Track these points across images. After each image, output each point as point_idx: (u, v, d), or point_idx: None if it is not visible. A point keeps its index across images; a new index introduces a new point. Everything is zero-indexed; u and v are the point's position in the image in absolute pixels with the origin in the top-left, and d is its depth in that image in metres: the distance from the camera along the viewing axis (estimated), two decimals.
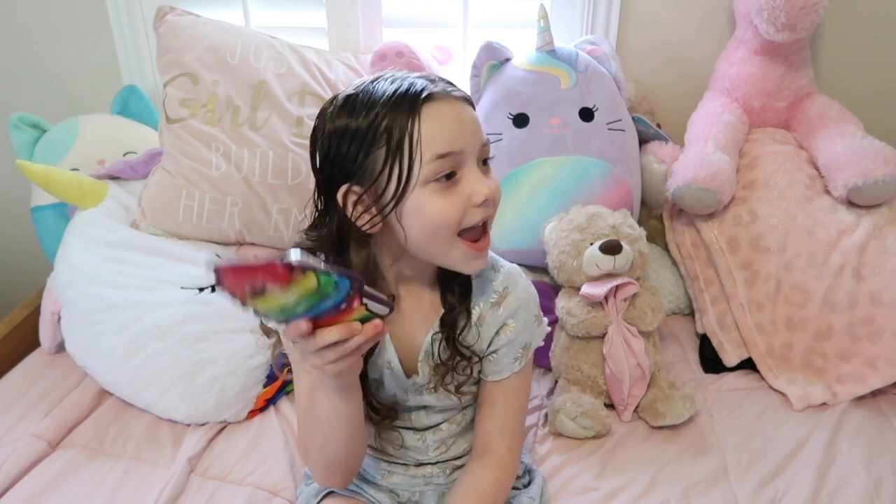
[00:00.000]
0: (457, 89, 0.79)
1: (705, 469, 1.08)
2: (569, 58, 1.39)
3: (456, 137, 0.75)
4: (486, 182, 0.77)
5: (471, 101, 0.80)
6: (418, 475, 0.96)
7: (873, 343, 1.24)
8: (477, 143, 0.77)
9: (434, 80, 0.78)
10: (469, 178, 0.77)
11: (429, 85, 0.76)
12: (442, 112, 0.75)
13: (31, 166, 1.29)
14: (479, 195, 0.76)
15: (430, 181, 0.75)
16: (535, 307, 0.90)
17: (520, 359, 0.88)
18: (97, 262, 1.24)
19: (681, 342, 1.40)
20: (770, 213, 1.34)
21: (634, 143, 1.44)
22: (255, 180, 1.32)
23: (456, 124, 0.76)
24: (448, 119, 0.76)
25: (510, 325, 0.87)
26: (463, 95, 0.79)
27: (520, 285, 0.88)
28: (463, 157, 0.76)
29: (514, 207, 1.35)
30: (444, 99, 0.76)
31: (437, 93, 0.76)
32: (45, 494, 1.04)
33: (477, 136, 0.78)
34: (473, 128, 0.78)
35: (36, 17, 1.62)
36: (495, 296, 0.86)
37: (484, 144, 0.78)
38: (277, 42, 1.41)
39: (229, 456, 1.12)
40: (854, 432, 1.14)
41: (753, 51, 1.44)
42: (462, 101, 0.78)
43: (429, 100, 0.75)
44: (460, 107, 0.77)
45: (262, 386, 1.22)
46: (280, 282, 0.59)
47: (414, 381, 0.88)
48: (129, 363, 1.18)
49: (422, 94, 0.75)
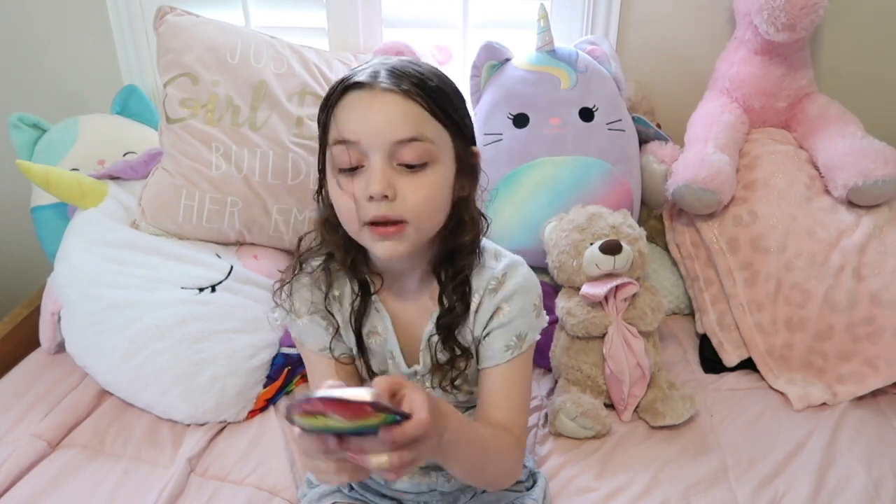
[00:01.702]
0: (393, 80, 0.75)
1: (705, 469, 1.08)
2: (569, 58, 1.39)
3: (358, 127, 0.75)
4: (380, 178, 0.74)
5: (415, 94, 0.75)
6: (423, 482, 0.95)
7: (873, 343, 1.24)
8: (386, 138, 0.74)
9: (378, 70, 0.76)
10: (370, 170, 0.75)
11: (364, 73, 0.76)
12: (355, 101, 0.75)
13: (31, 166, 1.29)
14: (368, 190, 0.75)
15: (335, 169, 0.78)
16: (536, 297, 0.87)
17: (512, 348, 0.84)
18: (97, 262, 1.24)
19: (681, 342, 1.40)
20: (770, 213, 1.34)
21: (634, 143, 1.44)
22: (255, 180, 1.32)
23: (363, 114, 0.75)
24: (358, 109, 0.75)
25: (504, 309, 0.84)
26: (392, 88, 0.75)
27: (519, 272, 0.86)
28: (364, 149, 0.75)
29: (514, 207, 1.35)
30: (367, 88, 0.75)
31: (363, 82, 0.75)
32: (45, 494, 1.04)
33: (388, 132, 0.74)
34: (385, 122, 0.74)
35: (36, 17, 1.62)
36: (494, 282, 0.85)
37: (399, 142, 0.74)
38: (277, 42, 1.41)
39: (229, 456, 1.12)
40: (854, 432, 1.14)
41: (753, 51, 1.44)
42: (390, 93, 0.75)
43: (352, 88, 0.76)
44: (381, 99, 0.75)
45: (262, 386, 1.22)
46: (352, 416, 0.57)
47: (415, 371, 0.88)
48: (129, 363, 1.17)
49: (347, 81, 0.76)
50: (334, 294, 0.87)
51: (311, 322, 0.87)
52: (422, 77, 0.77)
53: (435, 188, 0.78)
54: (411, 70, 0.77)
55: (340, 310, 0.88)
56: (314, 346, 0.88)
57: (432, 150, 0.77)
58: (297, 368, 1.25)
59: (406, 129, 0.75)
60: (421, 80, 0.77)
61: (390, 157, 0.75)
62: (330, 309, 0.87)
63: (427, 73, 0.79)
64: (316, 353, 0.88)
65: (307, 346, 0.89)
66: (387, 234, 0.77)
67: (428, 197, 0.77)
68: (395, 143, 0.75)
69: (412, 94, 0.75)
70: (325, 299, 0.86)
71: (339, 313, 0.88)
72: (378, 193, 0.74)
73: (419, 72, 0.78)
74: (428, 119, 0.77)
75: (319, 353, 0.88)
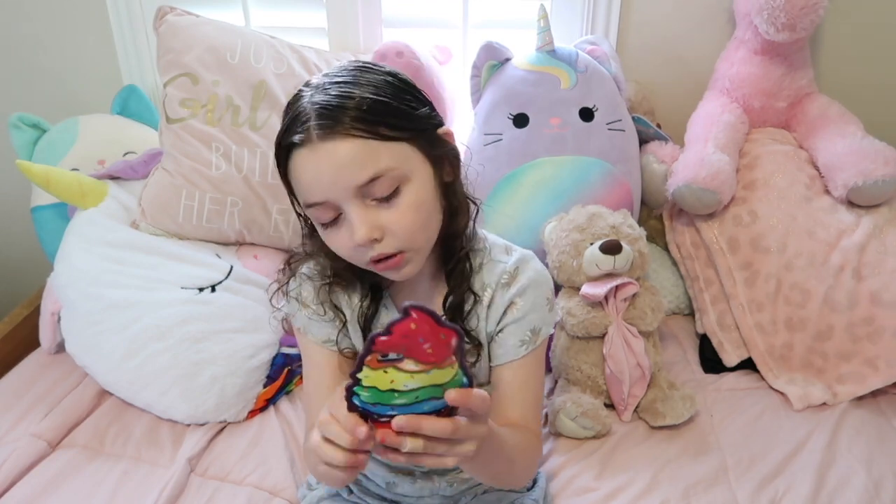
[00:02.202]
0: (326, 125, 0.71)
1: (705, 469, 1.08)
2: (569, 58, 1.39)
3: (317, 188, 0.73)
4: (359, 227, 0.73)
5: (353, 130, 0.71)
6: (425, 487, 0.95)
7: (873, 343, 1.24)
8: (346, 186, 0.72)
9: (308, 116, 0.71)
10: (350, 219, 0.74)
11: (297, 126, 0.72)
12: (302, 163, 0.73)
13: (31, 166, 1.29)
14: (354, 240, 0.74)
15: (319, 224, 0.77)
16: (548, 291, 0.87)
17: (527, 343, 0.84)
18: (97, 262, 1.24)
19: (681, 342, 1.40)
20: (770, 213, 1.34)
21: (634, 143, 1.44)
22: (255, 180, 1.32)
23: (315, 174, 0.72)
24: (307, 171, 0.73)
25: (517, 304, 0.84)
26: (329, 135, 0.71)
27: (531, 266, 0.86)
28: (335, 203, 0.74)
29: (514, 207, 1.35)
30: (308, 146, 0.72)
31: (302, 140, 0.72)
32: (45, 494, 1.04)
33: (345, 181, 0.72)
34: (337, 173, 0.71)
35: (36, 18, 1.62)
36: (506, 276, 0.85)
37: (363, 184, 0.72)
38: (277, 42, 1.41)
39: (229, 456, 1.12)
40: (854, 432, 1.14)
41: (753, 51, 1.44)
42: (329, 142, 0.71)
43: (294, 149, 0.73)
44: (324, 151, 0.71)
45: (262, 386, 1.22)
46: (432, 357, 0.56)
47: None
48: (129, 363, 1.18)
49: (289, 144, 0.73)
50: (342, 287, 0.87)
51: (318, 312, 0.86)
52: (354, 102, 0.72)
53: (417, 206, 0.75)
54: (342, 97, 0.72)
55: (349, 304, 0.87)
56: (319, 338, 0.87)
57: (397, 174, 0.73)
58: (297, 368, 1.25)
59: (362, 172, 0.72)
60: (355, 107, 0.72)
61: (362, 198, 0.73)
62: (338, 303, 0.87)
63: (359, 89, 0.73)
64: (319, 345, 0.87)
65: (311, 336, 0.87)
66: (389, 266, 0.77)
67: (414, 220, 0.75)
68: (357, 187, 0.72)
69: (351, 131, 0.71)
70: (333, 292, 0.86)
71: (348, 307, 0.87)
72: (364, 241, 0.73)
73: (349, 95, 0.72)
74: (379, 146, 0.72)
75: (323, 344, 0.87)
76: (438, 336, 0.55)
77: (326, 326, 0.87)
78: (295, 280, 0.88)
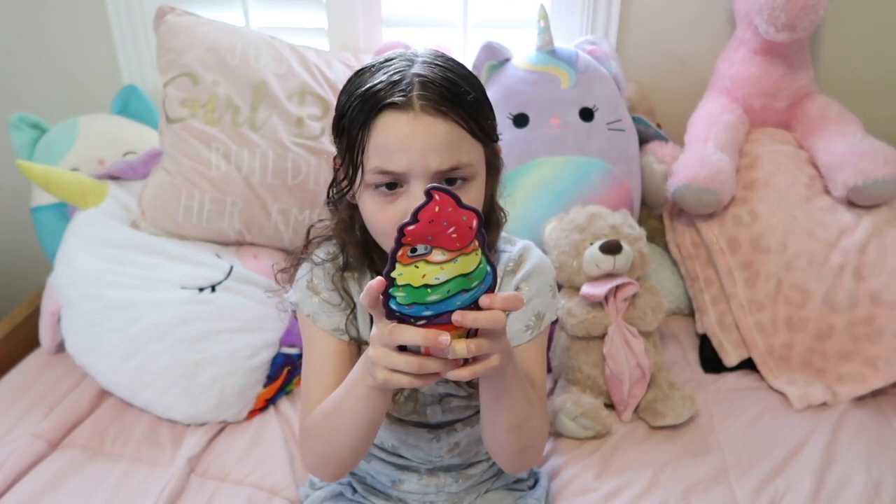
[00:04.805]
0: (431, 100, 0.72)
1: (705, 469, 1.08)
2: (569, 58, 1.39)
3: (400, 158, 0.72)
4: None
5: (455, 116, 0.73)
6: (430, 483, 0.95)
7: (873, 343, 1.24)
8: (429, 168, 0.72)
9: (411, 84, 0.72)
10: (411, 195, 0.73)
11: (399, 89, 0.72)
12: (394, 128, 0.72)
13: (31, 166, 1.29)
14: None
15: (372, 187, 0.76)
16: (552, 277, 0.89)
17: (531, 328, 0.85)
18: (97, 262, 1.24)
19: (681, 342, 1.40)
20: (770, 213, 1.34)
21: (634, 143, 1.44)
22: (255, 180, 1.32)
23: (405, 142, 0.72)
24: (398, 136, 0.72)
25: (523, 289, 0.86)
26: (432, 110, 0.72)
27: (535, 253, 0.89)
28: (409, 176, 0.73)
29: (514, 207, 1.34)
30: (406, 110, 0.72)
31: (401, 102, 0.71)
32: (45, 494, 1.04)
33: (430, 163, 0.72)
34: (428, 152, 0.72)
35: (36, 18, 1.62)
36: (511, 264, 0.87)
37: (445, 170, 0.73)
38: (277, 42, 1.41)
39: (229, 456, 1.12)
40: (854, 432, 1.14)
41: (753, 51, 1.44)
42: (430, 117, 0.72)
43: (388, 108, 0.72)
44: (423, 124, 0.72)
45: (262, 386, 1.22)
46: (458, 243, 0.58)
47: None
48: (129, 363, 1.18)
49: (383, 101, 0.72)
50: (353, 276, 0.87)
51: (329, 301, 0.86)
52: (458, 91, 0.74)
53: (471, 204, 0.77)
54: (450, 81, 0.74)
55: (360, 292, 0.87)
56: (328, 326, 0.86)
57: (471, 171, 0.76)
58: (298, 368, 1.25)
59: (448, 159, 0.73)
60: (457, 95, 0.74)
61: (430, 181, 0.73)
62: (348, 289, 0.86)
63: (460, 81, 0.75)
64: (328, 333, 0.86)
65: (320, 324, 0.86)
66: None
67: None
68: (439, 171, 0.73)
69: (452, 116, 0.73)
70: (343, 279, 0.86)
71: (358, 295, 0.86)
72: None
73: (454, 82, 0.74)
74: (467, 140, 0.75)
75: (332, 332, 0.86)
76: (461, 217, 0.57)
77: (336, 314, 0.86)
78: (304, 267, 0.88)
